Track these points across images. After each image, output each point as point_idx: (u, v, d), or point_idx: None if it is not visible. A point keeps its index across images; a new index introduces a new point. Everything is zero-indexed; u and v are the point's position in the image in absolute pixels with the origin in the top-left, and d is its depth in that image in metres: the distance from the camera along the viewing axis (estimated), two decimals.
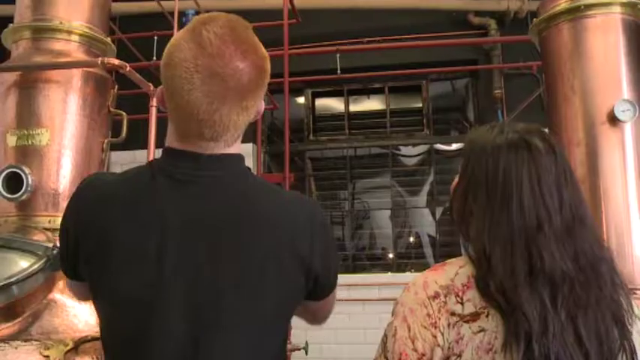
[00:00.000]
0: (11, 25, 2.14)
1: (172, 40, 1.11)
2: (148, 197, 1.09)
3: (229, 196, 1.10)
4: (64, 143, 2.01)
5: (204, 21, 1.09)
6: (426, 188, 5.31)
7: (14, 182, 1.96)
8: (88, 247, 1.10)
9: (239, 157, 1.16)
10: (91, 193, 1.14)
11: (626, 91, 2.04)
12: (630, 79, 2.05)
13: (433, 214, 5.19)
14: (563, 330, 1.03)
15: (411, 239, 5.37)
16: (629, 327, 1.07)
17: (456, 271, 1.12)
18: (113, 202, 1.10)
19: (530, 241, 1.08)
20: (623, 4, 2.10)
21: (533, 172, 1.12)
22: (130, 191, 1.11)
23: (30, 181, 1.95)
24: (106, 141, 2.15)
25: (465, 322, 1.06)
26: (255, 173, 1.24)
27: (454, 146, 5.33)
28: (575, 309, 1.04)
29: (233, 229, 1.08)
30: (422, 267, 5.05)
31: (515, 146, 1.15)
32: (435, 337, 1.07)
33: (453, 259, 1.17)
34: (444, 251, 5.04)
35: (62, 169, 2.02)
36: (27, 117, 2.02)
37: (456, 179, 1.27)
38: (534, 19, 2.32)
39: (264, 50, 1.12)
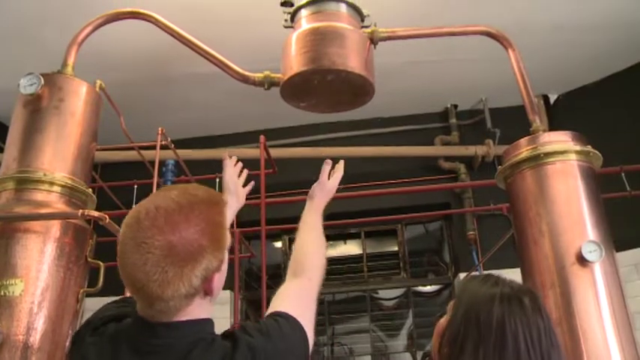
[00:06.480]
0: None
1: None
2: None
3: None
4: (38, 294, 1.97)
5: (161, 190, 1.18)
6: (405, 331, 5.21)
7: None
8: None
9: (196, 324, 1.17)
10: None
11: (591, 232, 2.12)
12: (593, 221, 2.14)
13: (414, 358, 5.05)
14: None
15: None
16: None
17: None
18: None
19: None
20: (577, 152, 2.25)
21: (525, 326, 1.17)
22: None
23: None
24: (81, 291, 2.12)
25: None
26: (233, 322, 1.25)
27: (429, 288, 5.34)
28: None
29: None
30: None
31: (509, 299, 1.20)
32: None
33: None
34: None
35: (34, 322, 1.95)
36: (2, 267, 1.98)
37: (442, 320, 1.29)
38: (499, 167, 2.46)
39: (211, 228, 1.14)
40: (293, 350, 1.23)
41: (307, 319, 1.32)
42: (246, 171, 1.96)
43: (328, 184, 1.82)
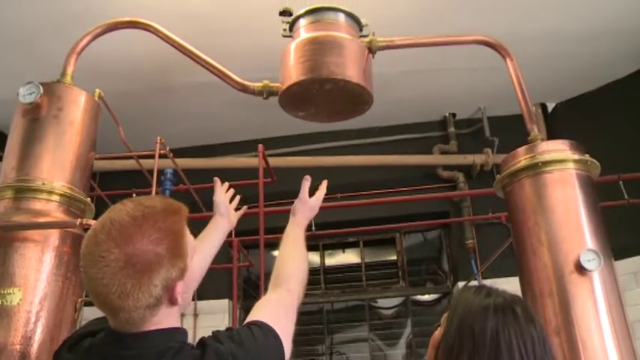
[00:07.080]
0: None
1: None
2: None
3: None
4: (37, 303, 1.97)
5: (118, 203, 1.19)
6: (404, 340, 5.20)
7: None
8: None
9: (165, 333, 1.17)
10: None
11: (589, 241, 2.12)
12: (592, 229, 2.14)
13: None
14: None
15: None
16: None
17: None
18: None
19: None
20: (575, 161, 2.26)
21: (519, 336, 1.19)
22: None
23: None
24: (79, 300, 2.11)
25: None
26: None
27: (427, 297, 5.33)
28: None
29: None
30: None
31: (502, 310, 1.22)
32: None
33: None
34: None
35: (31, 331, 1.95)
36: (0, 276, 1.99)
37: (437, 333, 1.29)
38: (498, 175, 2.46)
39: (168, 237, 1.14)
40: (266, 358, 1.24)
41: (284, 329, 1.32)
42: (238, 196, 1.98)
43: (310, 202, 1.87)
